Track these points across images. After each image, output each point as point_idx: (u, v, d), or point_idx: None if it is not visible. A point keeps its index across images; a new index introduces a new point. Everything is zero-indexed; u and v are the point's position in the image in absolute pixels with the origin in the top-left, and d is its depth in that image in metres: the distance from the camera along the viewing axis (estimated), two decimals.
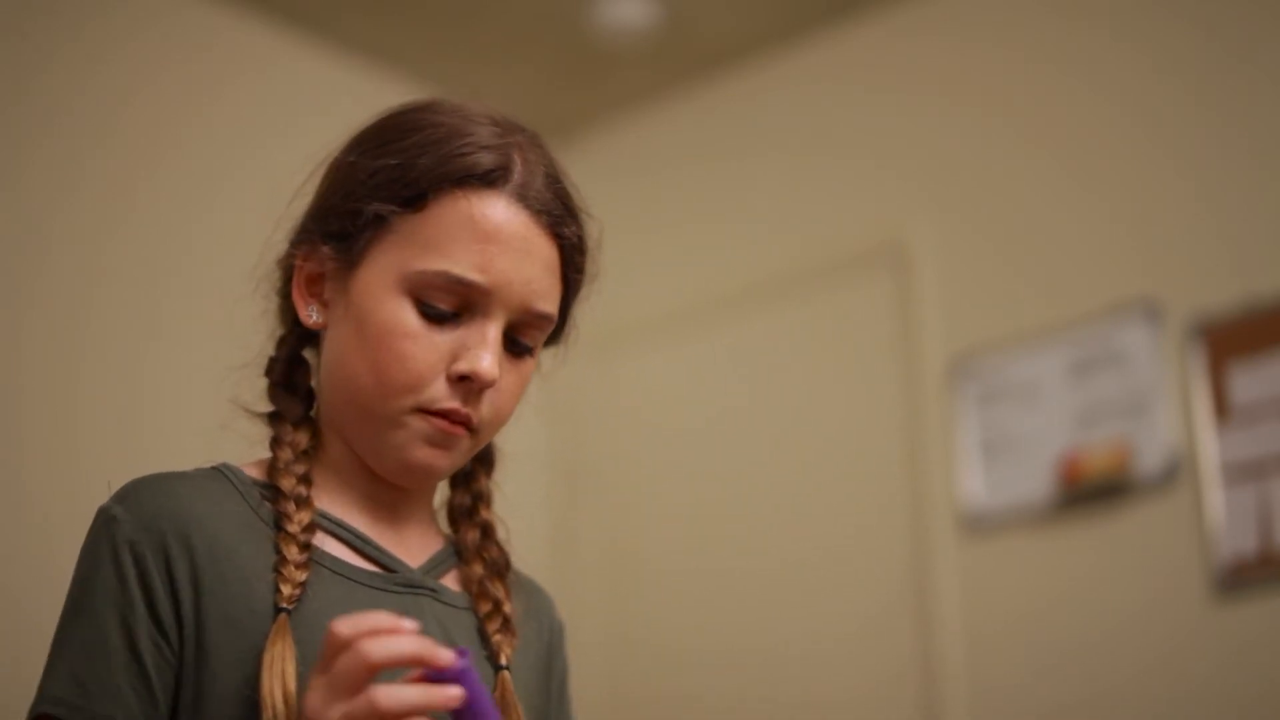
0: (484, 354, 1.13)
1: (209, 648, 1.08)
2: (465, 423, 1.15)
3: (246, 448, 1.22)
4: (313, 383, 1.23)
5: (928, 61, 3.40)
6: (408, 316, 1.13)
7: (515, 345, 1.17)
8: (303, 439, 1.18)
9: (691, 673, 3.45)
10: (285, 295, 1.23)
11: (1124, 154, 3.06)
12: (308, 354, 1.24)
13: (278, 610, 1.08)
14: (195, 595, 1.08)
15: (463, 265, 1.13)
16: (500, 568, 1.25)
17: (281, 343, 1.24)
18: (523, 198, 1.16)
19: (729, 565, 3.48)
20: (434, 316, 1.14)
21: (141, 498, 1.11)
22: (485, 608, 1.22)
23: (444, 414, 1.14)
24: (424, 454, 1.15)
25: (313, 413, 1.22)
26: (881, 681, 3.16)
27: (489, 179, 1.15)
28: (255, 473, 1.18)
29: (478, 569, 1.24)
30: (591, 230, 1.23)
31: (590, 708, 3.79)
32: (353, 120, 1.32)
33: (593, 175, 1.29)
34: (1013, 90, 3.25)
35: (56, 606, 1.12)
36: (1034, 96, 3.21)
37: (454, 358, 1.13)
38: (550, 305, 1.18)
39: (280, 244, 1.24)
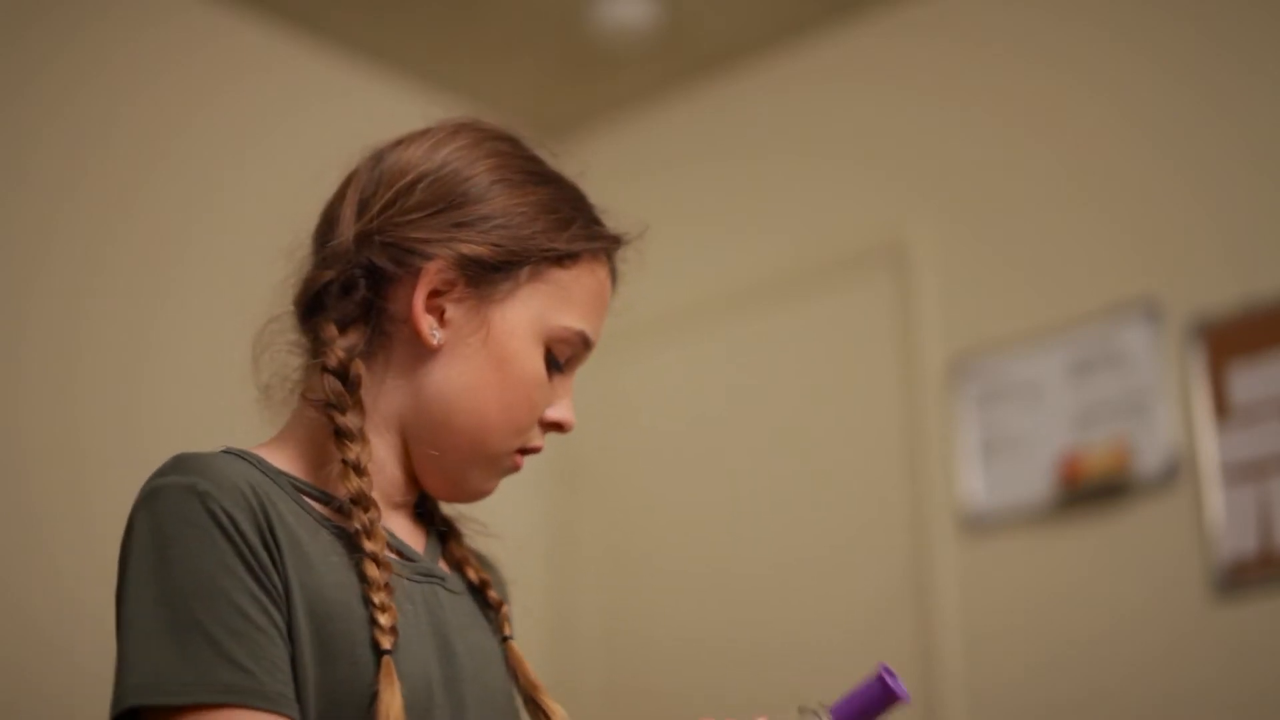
0: (570, 404, 1.24)
1: (293, 626, 1.07)
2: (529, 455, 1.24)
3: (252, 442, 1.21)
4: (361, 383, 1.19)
5: (928, 61, 3.40)
6: (542, 366, 1.21)
7: None
8: (368, 454, 1.15)
9: (691, 671, 3.45)
10: (372, 292, 1.18)
11: (1124, 154, 3.06)
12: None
13: (378, 651, 1.08)
14: (284, 569, 1.07)
15: (590, 327, 1.23)
16: (456, 532, 1.28)
17: (355, 343, 1.18)
18: (614, 272, 1.28)
19: (729, 564, 3.48)
20: (553, 367, 1.22)
21: (214, 471, 1.07)
22: (473, 575, 1.26)
23: (533, 451, 1.23)
24: (494, 485, 1.23)
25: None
26: None
27: (611, 252, 1.26)
28: (277, 462, 1.16)
29: (454, 544, 1.27)
30: None
31: (589, 703, 3.80)
32: (353, 120, 1.31)
33: (592, 175, 1.30)
34: (1013, 90, 3.25)
35: (56, 605, 1.11)
36: (1034, 96, 3.21)
37: (548, 404, 1.22)
38: None
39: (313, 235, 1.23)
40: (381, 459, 1.19)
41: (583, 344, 1.22)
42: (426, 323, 1.17)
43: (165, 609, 1.03)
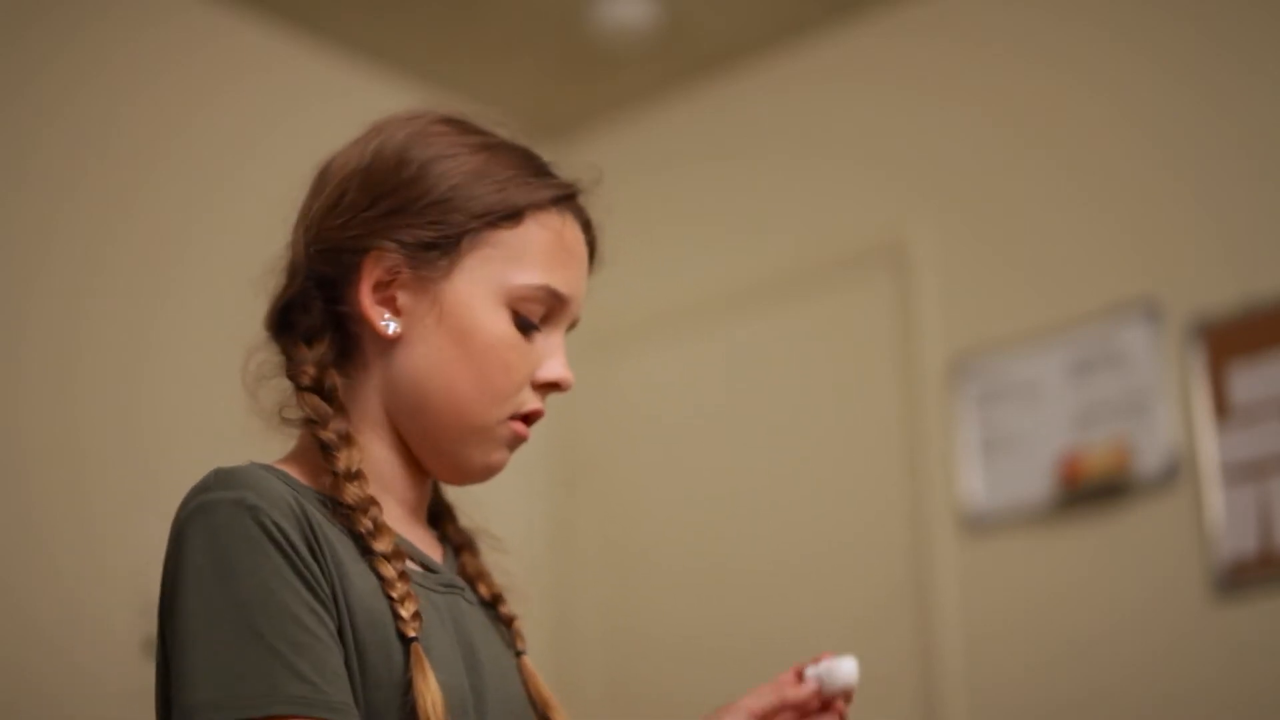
0: (564, 362, 1.22)
1: (343, 632, 1.08)
2: (534, 422, 1.22)
3: (255, 452, 1.21)
4: (338, 391, 1.20)
5: (928, 61, 3.40)
6: (509, 328, 1.19)
7: None
8: (358, 456, 1.16)
9: (691, 669, 3.44)
10: (326, 300, 1.20)
11: (1124, 154, 3.06)
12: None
13: (405, 639, 1.09)
14: (332, 577, 1.08)
15: (557, 280, 1.20)
16: (474, 547, 1.29)
17: (322, 353, 1.20)
18: (584, 220, 1.26)
19: (729, 564, 3.48)
20: (527, 327, 1.20)
21: (260, 485, 1.08)
22: (485, 591, 1.26)
23: (531, 416, 1.21)
24: (502, 458, 1.22)
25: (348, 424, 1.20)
26: (881, 680, 3.16)
27: (569, 201, 1.24)
28: (298, 476, 1.16)
29: (469, 557, 1.27)
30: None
31: (589, 702, 3.81)
32: (353, 120, 1.31)
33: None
34: (1013, 90, 3.25)
35: (56, 605, 1.10)
36: (1034, 97, 3.21)
37: (535, 365, 1.21)
38: None
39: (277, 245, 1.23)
40: (379, 458, 1.19)
41: (553, 298, 1.20)
42: (377, 314, 1.18)
43: (228, 624, 1.03)
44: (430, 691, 1.06)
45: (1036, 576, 2.99)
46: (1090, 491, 2.93)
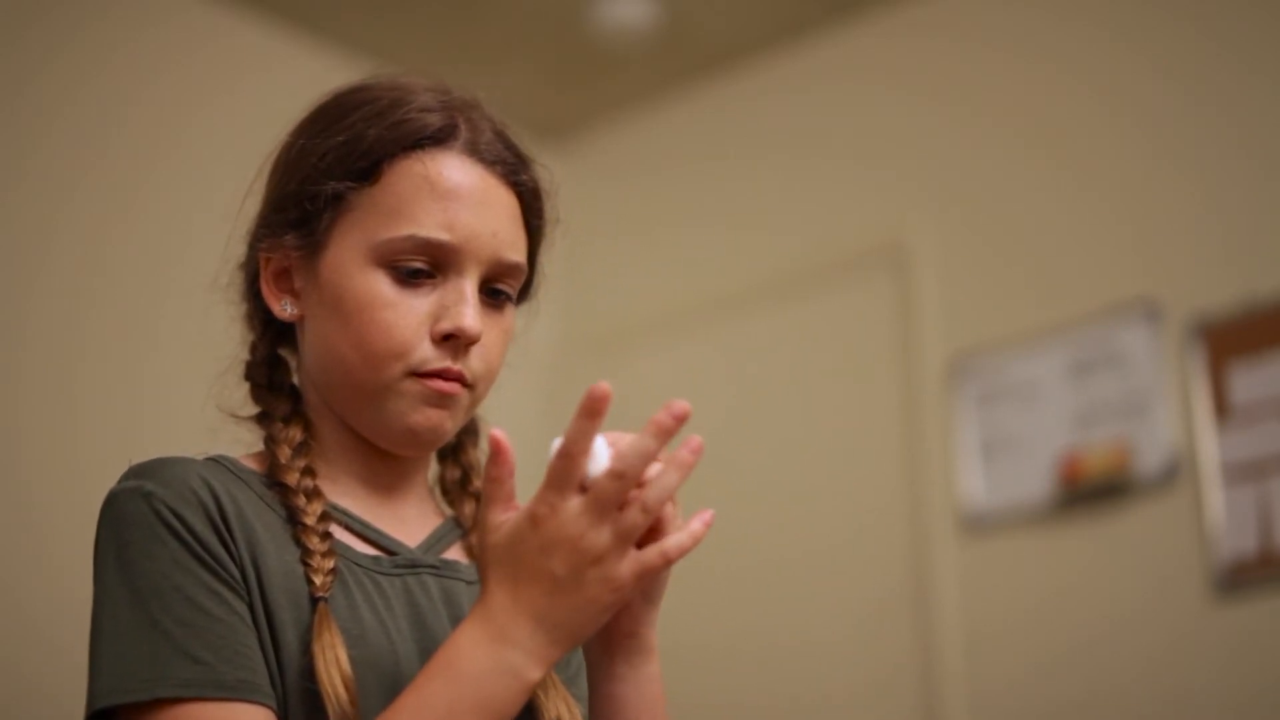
0: (465, 309, 1.15)
1: (255, 612, 1.07)
2: (459, 380, 1.16)
3: (243, 450, 1.22)
4: (294, 379, 1.24)
5: (928, 61, 3.40)
6: (382, 286, 1.15)
7: (494, 295, 1.19)
8: (296, 433, 1.18)
9: (690, 671, 3.44)
10: (252, 298, 1.24)
11: (1123, 154, 3.06)
12: (283, 352, 1.25)
13: (314, 600, 1.08)
14: (241, 558, 1.08)
15: (428, 226, 1.15)
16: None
17: (255, 346, 1.24)
18: (474, 151, 1.19)
19: (729, 564, 3.47)
20: (410, 278, 1.15)
21: (163, 473, 1.10)
22: None
23: (437, 374, 1.15)
24: (426, 416, 1.16)
25: (299, 407, 1.22)
26: (881, 681, 3.16)
27: (438, 138, 1.18)
28: (253, 465, 1.18)
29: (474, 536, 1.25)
30: (545, 176, 1.25)
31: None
32: None
33: (593, 175, 1.31)
34: (1012, 91, 3.26)
35: (56, 605, 1.11)
36: (1033, 97, 3.22)
37: (435, 319, 1.15)
38: (519, 255, 1.20)
39: (238, 250, 1.27)
40: (330, 439, 1.20)
41: (428, 246, 1.14)
42: (275, 300, 1.21)
43: (125, 611, 1.05)
44: (326, 650, 1.05)
45: (1036, 576, 2.99)
46: (1090, 492, 2.93)
